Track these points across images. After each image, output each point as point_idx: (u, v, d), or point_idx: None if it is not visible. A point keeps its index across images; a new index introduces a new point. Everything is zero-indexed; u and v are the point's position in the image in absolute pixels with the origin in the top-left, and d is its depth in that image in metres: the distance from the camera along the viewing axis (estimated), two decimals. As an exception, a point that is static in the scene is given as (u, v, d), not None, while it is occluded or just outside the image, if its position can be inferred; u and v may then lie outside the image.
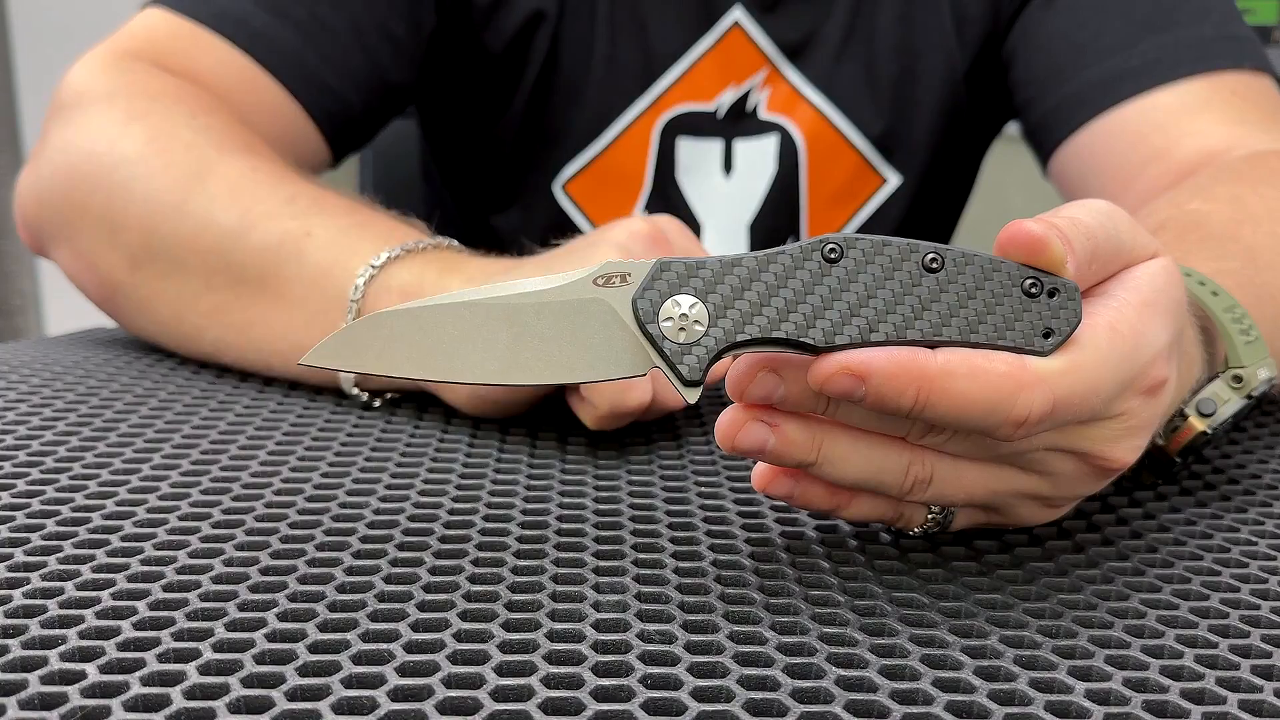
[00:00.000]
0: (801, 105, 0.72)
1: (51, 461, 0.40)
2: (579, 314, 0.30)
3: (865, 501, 0.33)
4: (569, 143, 0.73)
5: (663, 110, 0.72)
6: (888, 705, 0.26)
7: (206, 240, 0.50)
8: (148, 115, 0.54)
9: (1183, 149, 0.59)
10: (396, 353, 0.31)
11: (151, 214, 0.51)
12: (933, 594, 0.32)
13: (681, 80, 0.71)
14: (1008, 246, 0.29)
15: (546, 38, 0.69)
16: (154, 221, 0.51)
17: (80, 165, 0.53)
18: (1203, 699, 0.27)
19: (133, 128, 0.53)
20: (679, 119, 0.72)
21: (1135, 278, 0.31)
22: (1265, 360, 0.39)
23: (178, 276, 0.51)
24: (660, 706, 0.26)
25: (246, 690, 0.26)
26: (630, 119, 0.72)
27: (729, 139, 0.73)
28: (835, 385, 0.28)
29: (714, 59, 0.71)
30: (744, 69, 0.71)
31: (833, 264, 0.29)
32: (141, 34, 0.61)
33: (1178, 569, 0.34)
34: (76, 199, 0.53)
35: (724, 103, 0.72)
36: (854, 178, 0.74)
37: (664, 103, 0.72)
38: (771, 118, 0.72)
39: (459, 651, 0.28)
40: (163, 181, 0.51)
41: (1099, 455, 0.31)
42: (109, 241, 0.52)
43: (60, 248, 0.56)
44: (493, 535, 0.35)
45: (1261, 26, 2.19)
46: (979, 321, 0.29)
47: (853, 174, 0.74)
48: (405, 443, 0.44)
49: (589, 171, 0.73)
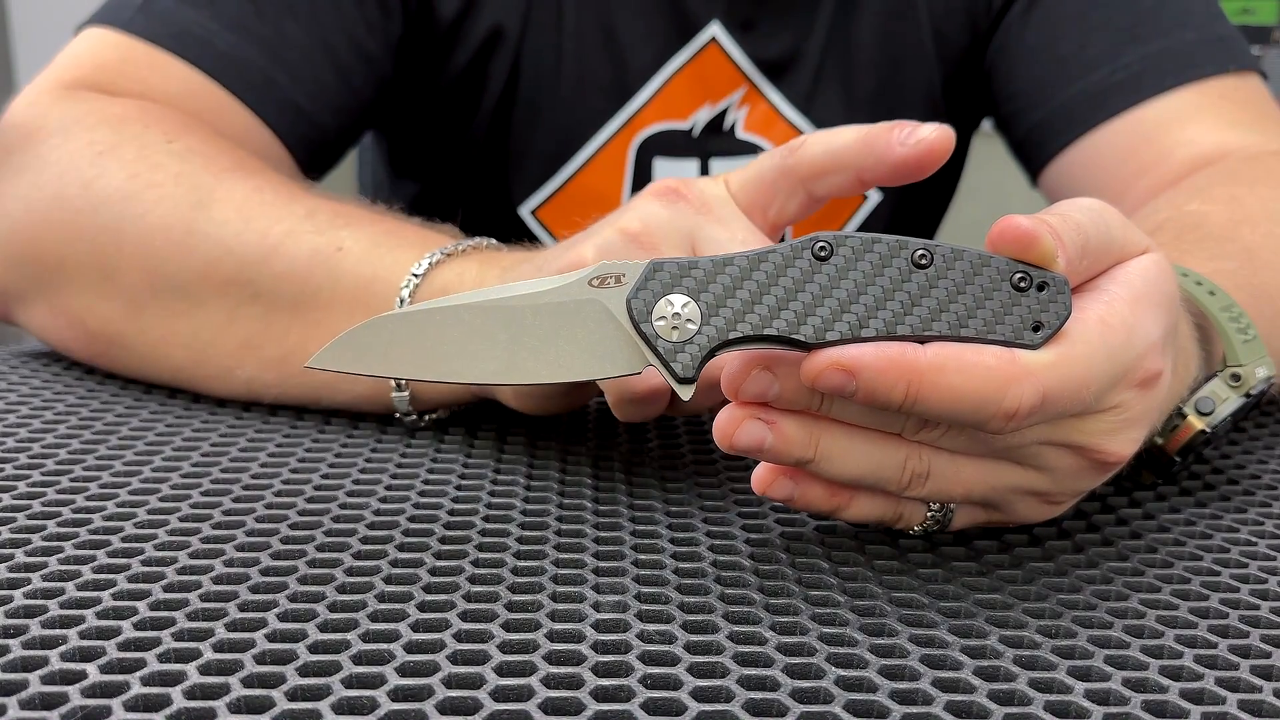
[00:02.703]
0: (780, 125, 0.70)
1: (53, 464, 0.40)
2: (575, 314, 0.31)
3: (865, 501, 0.33)
4: (535, 166, 0.69)
5: (638, 130, 0.69)
6: (887, 705, 0.26)
7: (224, 270, 0.45)
8: (118, 147, 0.49)
9: (1175, 159, 0.59)
10: (398, 355, 0.32)
11: (152, 252, 0.46)
12: (932, 594, 0.32)
13: (656, 98, 0.68)
14: (999, 241, 0.29)
15: (508, 57, 0.66)
16: (156, 260, 0.46)
17: (50, 214, 0.48)
18: (1202, 699, 0.27)
19: (105, 163, 0.48)
20: (654, 138, 0.69)
21: (1126, 272, 0.32)
22: (1263, 359, 0.39)
23: (194, 314, 0.46)
24: (660, 706, 0.26)
25: (247, 690, 0.26)
26: (603, 139, 0.69)
27: (705, 158, 0.70)
28: (826, 381, 0.29)
29: (689, 75, 0.68)
30: (721, 87, 0.69)
31: (823, 261, 0.29)
32: (88, 59, 0.55)
33: (1177, 569, 0.34)
34: (50, 252, 0.48)
35: (699, 121, 0.69)
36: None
37: (638, 122, 0.69)
38: (749, 137, 0.70)
39: (459, 651, 0.28)
40: (159, 215, 0.46)
41: (1095, 449, 0.31)
42: (99, 291, 0.47)
43: (31, 307, 0.50)
44: (493, 535, 0.35)
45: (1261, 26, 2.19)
46: (969, 316, 0.29)
47: None
48: (405, 444, 0.44)
49: (561, 196, 0.70)
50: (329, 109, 0.60)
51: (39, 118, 0.51)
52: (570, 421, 0.47)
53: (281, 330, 0.45)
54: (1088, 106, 0.63)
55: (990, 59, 0.70)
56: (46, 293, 0.49)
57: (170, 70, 0.55)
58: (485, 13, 0.65)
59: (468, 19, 0.65)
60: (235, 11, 0.57)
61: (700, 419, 0.49)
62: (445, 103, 0.69)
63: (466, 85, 0.67)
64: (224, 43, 0.56)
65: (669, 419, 0.48)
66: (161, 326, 0.47)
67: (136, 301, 0.47)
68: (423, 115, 0.70)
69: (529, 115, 0.69)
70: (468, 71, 0.67)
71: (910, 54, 0.70)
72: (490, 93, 0.67)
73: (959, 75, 0.71)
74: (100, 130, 0.50)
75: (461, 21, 0.65)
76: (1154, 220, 0.49)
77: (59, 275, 0.48)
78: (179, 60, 0.55)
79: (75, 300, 0.48)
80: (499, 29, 0.65)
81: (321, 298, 0.45)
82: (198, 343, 0.46)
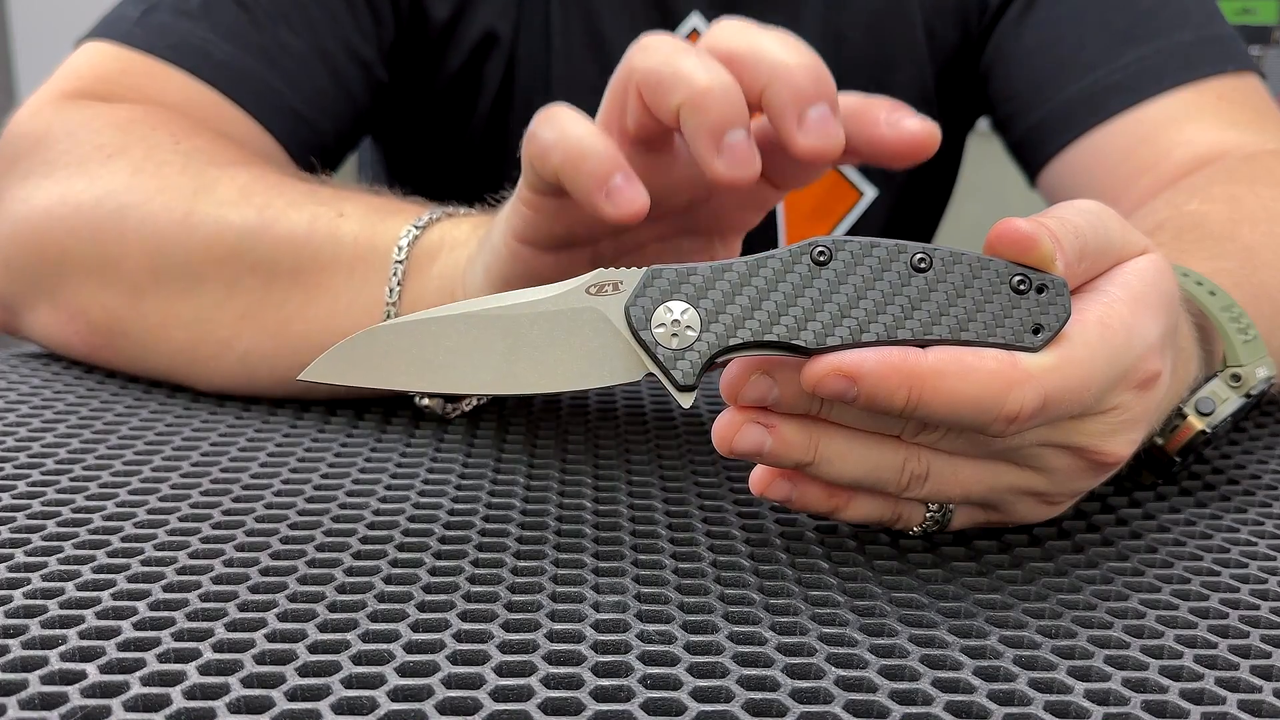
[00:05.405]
0: None
1: (52, 463, 0.40)
2: (572, 323, 0.31)
3: (864, 501, 0.33)
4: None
5: None
6: (887, 705, 0.26)
7: (224, 245, 0.46)
8: (127, 149, 0.49)
9: (1174, 159, 0.59)
10: (393, 366, 0.31)
11: (153, 235, 0.46)
12: (932, 594, 0.32)
13: None
14: (997, 244, 0.29)
15: (502, 59, 0.66)
16: (157, 242, 0.46)
17: (53, 211, 0.48)
18: (1202, 699, 0.27)
19: (114, 164, 0.48)
20: None
21: (1125, 273, 0.32)
22: (1263, 359, 0.39)
23: (195, 294, 0.46)
24: (660, 706, 0.26)
25: (246, 690, 0.26)
26: None
27: None
28: (827, 387, 0.29)
29: None
30: None
31: (822, 266, 0.29)
32: (88, 71, 0.55)
33: (1177, 569, 0.34)
34: (52, 249, 0.48)
35: None
36: (830, 193, 0.73)
37: None
38: None
39: (459, 651, 0.28)
40: (161, 201, 0.47)
41: (1093, 450, 0.31)
42: (101, 280, 0.48)
43: (35, 309, 0.50)
44: (493, 535, 0.35)
45: (1261, 26, 2.19)
46: (968, 319, 0.29)
47: (829, 188, 0.73)
48: (405, 444, 0.44)
49: None
50: (327, 115, 0.61)
51: (44, 125, 0.52)
52: (570, 421, 0.47)
53: (280, 297, 0.45)
54: (1086, 107, 0.63)
55: (987, 60, 0.70)
56: (49, 290, 0.49)
57: (170, 80, 0.55)
58: (477, 17, 0.65)
59: (460, 23, 0.65)
60: (231, 21, 0.57)
61: (700, 419, 0.49)
62: (441, 107, 0.69)
63: (461, 89, 0.68)
64: (221, 52, 0.56)
65: (669, 419, 0.48)
66: (162, 310, 0.47)
67: (138, 288, 0.47)
68: (419, 120, 0.71)
69: (525, 117, 0.68)
70: (462, 75, 0.67)
71: (902, 52, 0.70)
72: (486, 96, 0.68)
73: (952, 74, 0.71)
74: (107, 133, 0.50)
75: (454, 25, 0.65)
76: (1153, 220, 0.49)
77: (61, 270, 0.48)
78: (178, 70, 0.56)
79: (78, 293, 0.49)
80: (492, 33, 0.66)
81: (322, 259, 0.45)
82: (197, 322, 0.46)
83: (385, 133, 0.75)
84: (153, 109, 0.53)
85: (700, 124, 0.32)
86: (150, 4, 0.58)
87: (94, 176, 0.48)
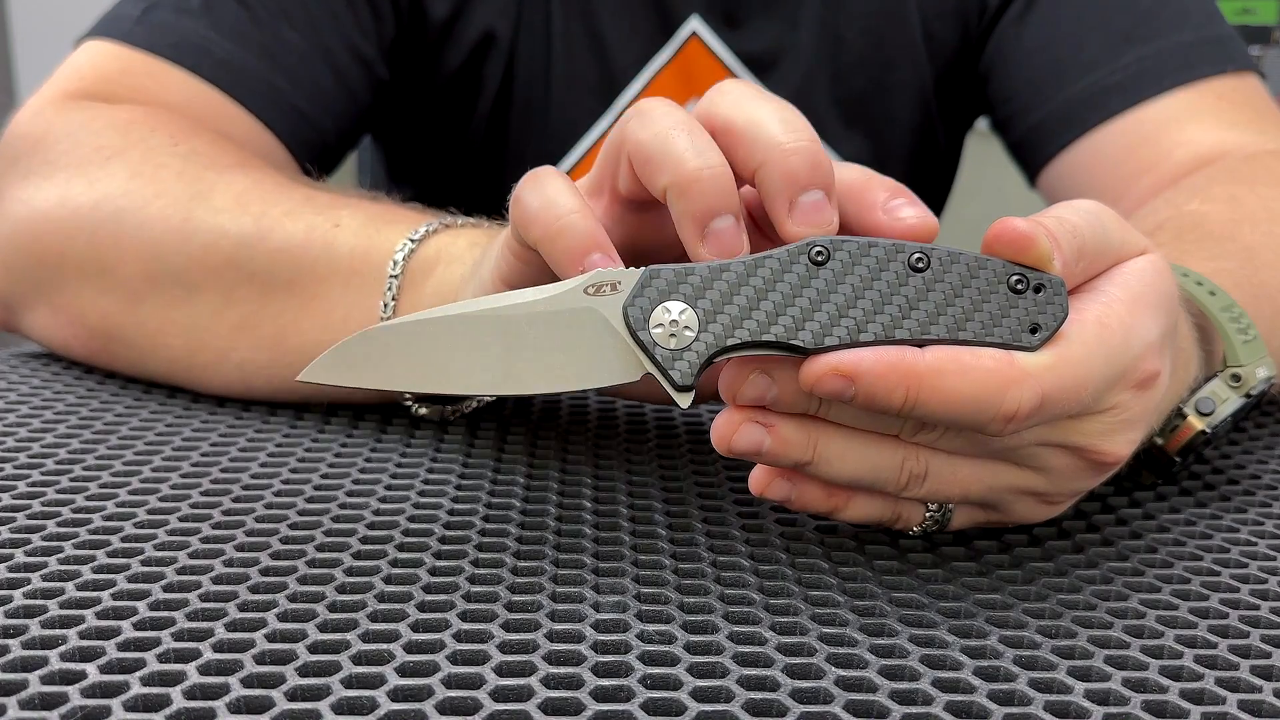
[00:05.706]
0: None
1: (52, 463, 0.40)
2: (570, 323, 0.31)
3: (863, 501, 0.33)
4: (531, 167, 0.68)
5: None
6: (887, 705, 0.26)
7: (220, 254, 0.45)
8: (125, 151, 0.49)
9: (1174, 160, 0.59)
10: (391, 367, 0.31)
11: (150, 241, 0.46)
12: (932, 594, 0.32)
13: (644, 94, 0.68)
14: (995, 244, 0.30)
15: (501, 59, 0.66)
16: (155, 248, 0.46)
17: (52, 214, 0.48)
18: (1202, 699, 0.27)
19: (111, 166, 0.48)
20: None
21: (1124, 273, 0.32)
22: (1263, 359, 0.39)
23: (191, 301, 0.46)
24: (660, 706, 0.26)
25: (246, 690, 0.26)
26: (594, 139, 0.69)
27: None
28: (825, 386, 0.29)
29: (674, 71, 0.68)
30: (706, 82, 0.68)
31: (819, 266, 0.29)
32: (89, 70, 0.55)
33: (1177, 569, 0.34)
34: (51, 251, 0.48)
35: None
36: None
37: None
38: None
39: (459, 651, 0.28)
40: (158, 206, 0.46)
41: (1092, 449, 0.31)
42: (98, 285, 0.47)
43: (34, 310, 0.50)
44: (492, 536, 0.35)
45: (1261, 26, 2.19)
46: (966, 319, 0.29)
47: None
48: (405, 444, 0.44)
49: None
50: (329, 113, 0.61)
51: (45, 126, 0.51)
52: (570, 421, 0.47)
53: (276, 308, 0.45)
54: (1086, 108, 0.63)
55: (987, 61, 0.70)
56: (48, 292, 0.49)
57: (170, 79, 0.55)
58: (476, 16, 0.65)
59: (459, 21, 0.65)
60: (232, 19, 0.57)
61: (699, 419, 0.49)
62: (441, 106, 0.69)
63: (461, 88, 0.68)
64: (222, 50, 0.56)
65: (669, 419, 0.48)
66: (159, 317, 0.47)
67: (135, 293, 0.47)
68: (420, 119, 0.71)
69: (524, 117, 0.69)
70: (462, 75, 0.67)
71: (900, 53, 0.70)
72: (486, 96, 0.68)
73: (950, 75, 0.71)
74: (107, 135, 0.50)
75: (453, 24, 0.65)
76: (1153, 220, 0.49)
77: (60, 273, 0.48)
78: (178, 69, 0.55)
79: (75, 297, 0.48)
80: (491, 33, 0.66)
81: (318, 271, 0.45)
82: (193, 330, 0.46)
83: (385, 132, 0.75)
84: (153, 109, 0.53)
85: (686, 209, 0.32)
86: (150, 2, 0.57)
87: (93, 179, 0.48)
